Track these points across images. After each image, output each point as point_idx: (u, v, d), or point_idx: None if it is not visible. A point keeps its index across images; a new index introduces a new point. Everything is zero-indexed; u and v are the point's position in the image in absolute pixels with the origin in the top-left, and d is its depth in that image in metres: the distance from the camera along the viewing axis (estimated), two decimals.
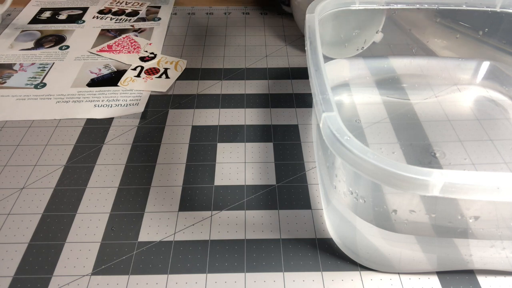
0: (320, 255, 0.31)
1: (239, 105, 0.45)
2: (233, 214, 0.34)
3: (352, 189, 0.28)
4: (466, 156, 0.37)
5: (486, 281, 0.30)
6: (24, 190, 0.36)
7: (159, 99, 0.46)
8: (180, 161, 0.39)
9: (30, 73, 0.50)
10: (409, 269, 0.30)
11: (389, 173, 0.21)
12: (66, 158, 0.39)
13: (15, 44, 0.55)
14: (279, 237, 0.33)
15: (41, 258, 0.31)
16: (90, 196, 0.36)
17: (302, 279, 0.30)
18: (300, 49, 0.54)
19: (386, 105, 0.42)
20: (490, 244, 0.28)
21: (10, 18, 0.61)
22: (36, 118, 0.43)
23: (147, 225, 0.33)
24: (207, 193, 0.36)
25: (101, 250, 0.32)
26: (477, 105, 0.43)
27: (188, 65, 0.51)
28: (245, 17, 0.61)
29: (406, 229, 0.29)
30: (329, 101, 0.25)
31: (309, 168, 0.38)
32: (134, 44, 0.54)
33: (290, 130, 0.42)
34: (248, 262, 0.31)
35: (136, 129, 0.42)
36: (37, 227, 0.33)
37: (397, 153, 0.38)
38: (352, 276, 0.30)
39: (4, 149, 0.40)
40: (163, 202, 0.35)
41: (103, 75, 0.49)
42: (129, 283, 0.30)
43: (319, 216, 0.34)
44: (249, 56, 0.53)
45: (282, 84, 0.48)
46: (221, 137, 0.41)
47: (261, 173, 0.38)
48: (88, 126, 0.42)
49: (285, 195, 0.36)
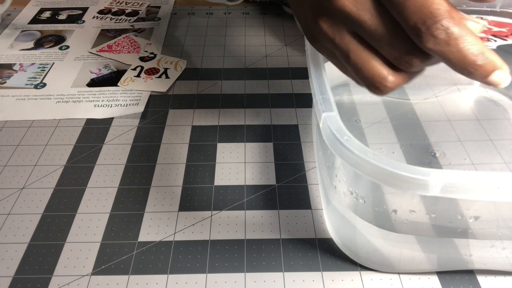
0: (320, 255, 0.31)
1: (239, 105, 0.45)
2: (233, 214, 0.34)
3: (352, 189, 0.28)
4: (466, 156, 0.37)
5: (486, 281, 0.30)
6: (24, 190, 0.36)
7: (159, 99, 0.46)
8: (180, 161, 0.39)
9: (30, 73, 0.50)
10: (409, 269, 0.30)
11: (389, 173, 0.21)
12: (66, 158, 0.39)
13: (15, 44, 0.55)
14: (279, 237, 0.33)
15: (41, 258, 0.31)
16: (90, 196, 0.36)
17: (302, 279, 0.30)
18: (300, 49, 0.54)
19: (386, 105, 0.42)
20: (490, 244, 0.28)
21: (10, 18, 0.61)
22: (36, 118, 0.43)
23: (147, 225, 0.33)
24: (207, 193, 0.36)
25: (101, 250, 0.32)
26: (477, 105, 0.43)
27: (188, 65, 0.51)
28: (245, 17, 0.61)
29: (406, 229, 0.29)
30: (329, 101, 0.25)
31: (309, 168, 0.38)
32: (134, 44, 0.54)
33: (290, 130, 0.42)
34: (248, 262, 0.31)
35: (136, 129, 0.42)
36: (37, 227, 0.33)
37: (397, 153, 0.38)
38: (352, 276, 0.30)
39: (4, 149, 0.40)
40: (163, 202, 0.35)
41: (103, 75, 0.49)
42: (129, 283, 0.30)
43: (319, 216, 0.34)
44: (249, 56, 0.53)
45: (282, 84, 0.48)
46: (221, 137, 0.41)
47: (261, 173, 0.38)
48: (88, 126, 0.42)
49: (285, 195, 0.36)
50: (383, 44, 0.21)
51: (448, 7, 0.19)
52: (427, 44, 0.19)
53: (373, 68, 0.22)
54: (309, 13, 0.24)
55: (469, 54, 0.19)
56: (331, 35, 0.23)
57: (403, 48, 0.20)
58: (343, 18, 0.22)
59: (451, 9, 0.19)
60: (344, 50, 0.22)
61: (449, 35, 0.18)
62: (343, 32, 0.22)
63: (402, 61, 0.21)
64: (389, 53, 0.21)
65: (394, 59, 0.21)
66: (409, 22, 0.19)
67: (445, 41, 0.18)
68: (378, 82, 0.22)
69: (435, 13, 0.18)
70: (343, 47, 0.22)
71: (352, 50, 0.22)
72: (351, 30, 0.22)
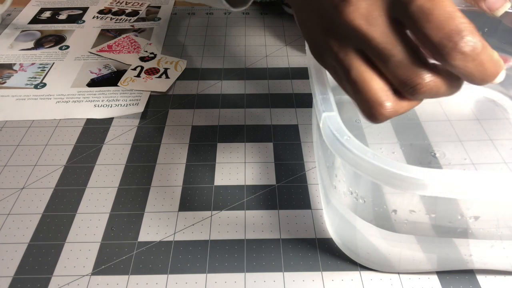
0: (320, 255, 0.31)
1: (239, 105, 0.45)
2: (233, 214, 0.34)
3: (352, 189, 0.28)
4: (466, 156, 0.37)
5: (486, 281, 0.30)
6: (24, 190, 0.36)
7: (159, 99, 0.46)
8: (180, 161, 0.39)
9: (30, 73, 0.50)
10: (409, 269, 0.30)
11: (389, 173, 0.21)
12: (66, 158, 0.39)
13: (15, 44, 0.55)
14: (279, 237, 0.33)
15: (41, 258, 0.31)
16: (90, 196, 0.36)
17: (302, 279, 0.30)
18: (300, 49, 0.54)
19: None
20: (490, 244, 0.28)
21: (10, 18, 0.61)
22: (36, 118, 0.43)
23: (147, 225, 0.33)
24: (207, 193, 0.36)
25: (101, 250, 0.32)
26: (477, 105, 0.43)
27: (188, 65, 0.51)
28: (245, 17, 0.61)
29: (406, 229, 0.29)
30: (329, 101, 0.25)
31: (309, 168, 0.38)
32: (134, 44, 0.54)
33: (290, 130, 0.42)
34: (248, 262, 0.31)
35: (136, 129, 0.42)
36: (37, 227, 0.33)
37: (397, 153, 0.38)
38: (352, 276, 0.30)
39: (4, 149, 0.40)
40: (163, 202, 0.35)
41: (103, 75, 0.49)
42: (129, 283, 0.30)
43: (319, 216, 0.34)
44: (249, 56, 0.53)
45: (282, 84, 0.48)
46: (221, 137, 0.41)
47: (261, 173, 0.38)
48: (88, 126, 0.42)
49: (285, 195, 0.36)
50: (390, 65, 0.20)
51: (468, 21, 0.18)
52: (454, 61, 0.18)
53: (372, 90, 0.20)
54: (314, 23, 0.23)
55: (492, 66, 0.19)
56: (335, 49, 0.21)
57: (411, 69, 0.19)
58: (351, 33, 0.20)
59: (471, 22, 0.18)
60: (346, 66, 0.21)
61: (475, 50, 0.18)
62: (349, 48, 0.21)
63: (407, 85, 0.20)
64: (394, 75, 0.20)
65: (398, 82, 0.20)
66: (434, 38, 0.18)
67: (472, 56, 0.18)
68: (374, 107, 0.21)
69: (461, 28, 0.18)
70: (346, 63, 0.21)
71: (355, 67, 0.21)
72: (358, 47, 0.21)
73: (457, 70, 0.19)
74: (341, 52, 0.21)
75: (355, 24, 0.20)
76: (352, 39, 0.21)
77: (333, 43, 0.22)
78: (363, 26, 0.20)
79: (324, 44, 0.22)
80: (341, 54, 0.21)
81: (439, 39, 0.18)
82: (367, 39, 0.20)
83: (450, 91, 0.20)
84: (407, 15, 0.19)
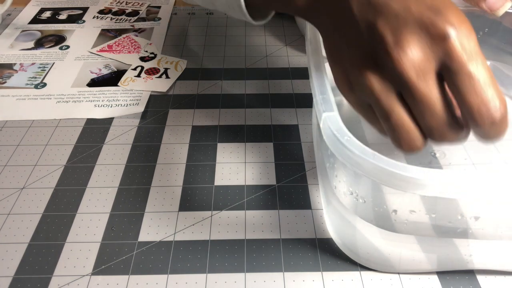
0: (320, 255, 0.31)
1: (239, 105, 0.45)
2: (233, 214, 0.34)
3: (352, 189, 0.28)
4: (466, 156, 0.37)
5: (486, 281, 0.30)
6: (24, 190, 0.36)
7: (159, 99, 0.46)
8: (180, 161, 0.39)
9: (30, 73, 0.50)
10: (409, 269, 0.30)
11: (389, 173, 0.21)
12: (66, 158, 0.39)
13: (15, 44, 0.55)
14: (279, 237, 0.33)
15: (41, 258, 0.31)
16: (90, 196, 0.36)
17: (302, 279, 0.30)
18: (300, 49, 0.54)
19: None
20: (490, 244, 0.28)
21: (10, 18, 0.61)
22: (36, 118, 0.43)
23: (147, 225, 0.33)
24: (207, 193, 0.36)
25: (101, 250, 0.32)
26: None
27: (188, 65, 0.51)
28: None
29: (406, 229, 0.29)
30: (329, 101, 0.25)
31: (309, 168, 0.38)
32: (134, 44, 0.54)
33: (290, 130, 0.42)
34: (248, 262, 0.31)
35: (136, 129, 0.42)
36: (37, 227, 0.33)
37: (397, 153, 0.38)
38: (352, 276, 0.30)
39: (4, 149, 0.40)
40: (163, 202, 0.35)
41: (103, 75, 0.49)
42: (129, 283, 0.30)
43: (319, 216, 0.34)
44: (249, 56, 0.53)
45: (282, 84, 0.48)
46: (221, 137, 0.41)
47: (261, 173, 0.38)
48: (88, 126, 0.42)
49: (285, 195, 0.36)
50: (425, 114, 0.21)
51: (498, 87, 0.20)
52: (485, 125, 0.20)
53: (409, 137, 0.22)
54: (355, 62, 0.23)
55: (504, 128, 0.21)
56: (377, 91, 0.22)
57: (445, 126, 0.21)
58: (397, 80, 0.21)
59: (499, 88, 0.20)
60: (387, 110, 0.22)
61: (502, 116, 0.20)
62: (391, 92, 0.22)
63: (436, 133, 0.21)
64: (426, 123, 0.21)
65: (428, 129, 0.21)
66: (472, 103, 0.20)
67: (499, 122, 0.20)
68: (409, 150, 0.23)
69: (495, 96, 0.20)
70: (387, 107, 0.22)
71: (396, 111, 0.22)
72: (398, 91, 0.22)
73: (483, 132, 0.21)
74: (382, 93, 0.22)
75: (406, 75, 0.21)
76: (396, 85, 0.21)
77: (376, 85, 0.22)
78: (413, 78, 0.21)
79: (363, 84, 0.22)
80: (383, 95, 0.22)
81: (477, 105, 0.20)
82: (413, 91, 0.21)
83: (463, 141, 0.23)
84: (454, 78, 0.20)
